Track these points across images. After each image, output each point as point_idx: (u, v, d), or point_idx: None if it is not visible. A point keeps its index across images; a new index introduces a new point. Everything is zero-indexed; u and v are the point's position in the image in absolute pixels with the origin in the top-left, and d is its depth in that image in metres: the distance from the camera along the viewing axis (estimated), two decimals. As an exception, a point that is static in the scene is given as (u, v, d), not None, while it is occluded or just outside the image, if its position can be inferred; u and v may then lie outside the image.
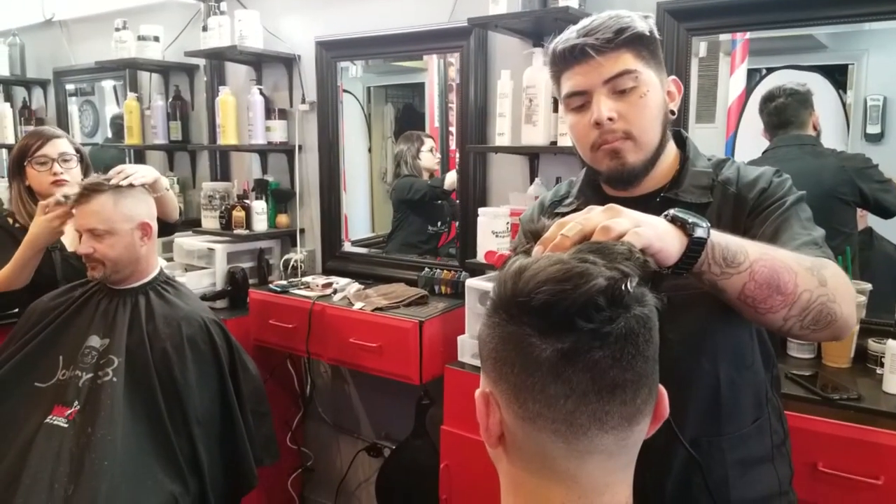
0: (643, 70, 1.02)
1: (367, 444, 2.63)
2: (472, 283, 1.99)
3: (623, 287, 0.60)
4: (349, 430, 2.75)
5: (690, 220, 0.79)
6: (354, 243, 2.80)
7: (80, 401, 1.56)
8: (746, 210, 1.04)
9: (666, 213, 0.81)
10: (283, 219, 2.80)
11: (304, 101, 2.72)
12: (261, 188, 2.76)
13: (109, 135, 3.76)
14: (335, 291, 2.38)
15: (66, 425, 1.52)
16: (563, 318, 0.58)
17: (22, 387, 1.62)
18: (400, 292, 2.26)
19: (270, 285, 2.51)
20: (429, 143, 2.77)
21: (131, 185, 1.71)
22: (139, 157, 3.35)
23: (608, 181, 1.09)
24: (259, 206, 2.68)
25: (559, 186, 1.24)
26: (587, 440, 0.60)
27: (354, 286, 2.39)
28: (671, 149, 1.11)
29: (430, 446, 2.19)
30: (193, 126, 3.10)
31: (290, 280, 2.57)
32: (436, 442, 2.11)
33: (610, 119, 1.01)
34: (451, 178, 2.56)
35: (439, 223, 2.81)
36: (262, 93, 2.71)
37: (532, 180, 2.16)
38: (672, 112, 1.08)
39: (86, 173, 2.09)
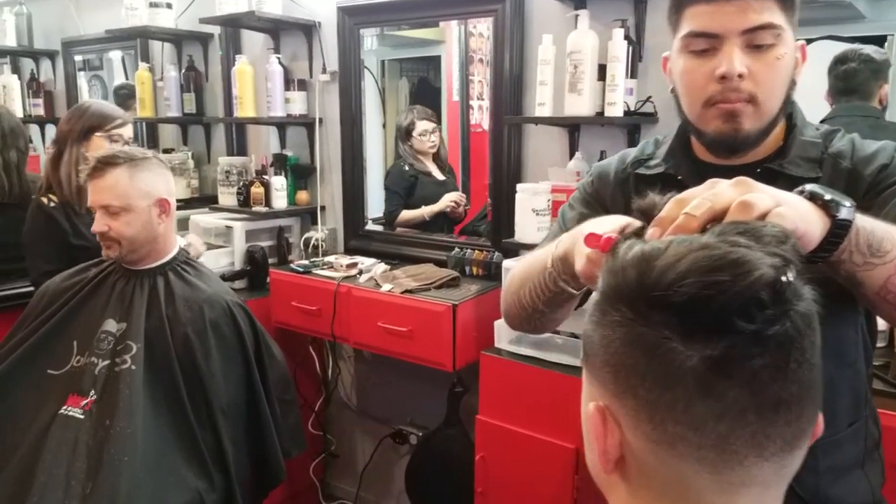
0: (786, 28, 0.88)
1: (393, 431, 2.53)
2: (508, 264, 1.87)
3: (786, 278, 0.48)
4: (373, 415, 2.65)
5: (829, 198, 0.66)
6: (373, 221, 2.67)
7: (96, 390, 1.45)
8: (862, 188, 0.91)
9: (801, 188, 0.68)
10: (302, 196, 2.68)
11: (324, 71, 2.58)
12: (280, 163, 2.63)
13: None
14: (360, 272, 2.26)
15: (81, 416, 1.42)
16: (718, 318, 0.46)
17: (34, 374, 1.51)
18: (430, 273, 2.14)
19: (292, 265, 2.39)
20: (422, 125, 2.59)
21: (145, 157, 1.59)
22: (151, 130, 3.23)
23: (711, 144, 0.95)
24: (278, 182, 2.56)
25: (645, 144, 1.09)
26: (742, 470, 0.48)
27: (381, 266, 2.27)
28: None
29: (464, 436, 2.08)
30: (208, 98, 2.96)
31: (312, 260, 2.45)
32: (469, 432, 2.00)
33: (740, 76, 0.86)
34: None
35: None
36: (280, 62, 2.57)
37: (572, 154, 2.03)
38: (794, 81, 0.94)
39: None
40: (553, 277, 0.83)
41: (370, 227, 2.62)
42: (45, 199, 1.95)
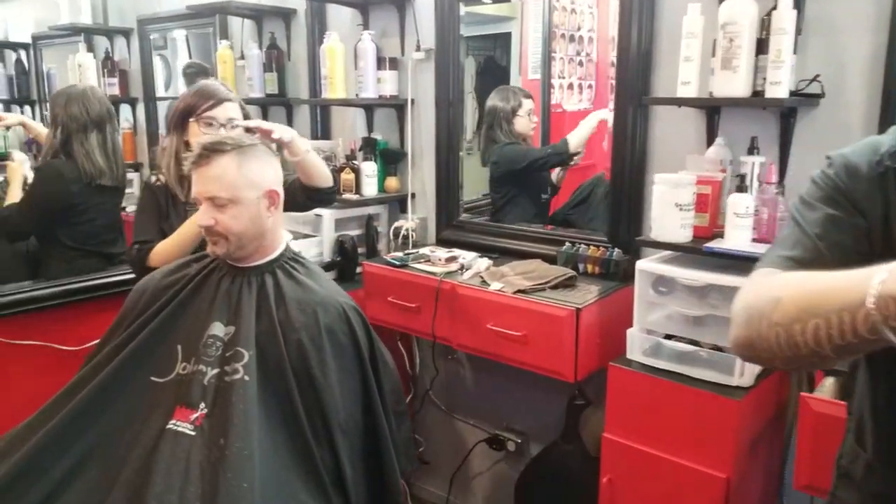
0: None
1: (489, 436, 2.36)
2: (645, 265, 1.66)
3: None
4: (465, 417, 2.48)
5: None
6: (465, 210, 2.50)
7: (206, 402, 1.31)
8: None
9: None
10: (392, 182, 2.52)
11: (418, 49, 2.39)
12: (370, 148, 2.47)
13: (184, 87, 3.53)
14: (462, 267, 2.08)
15: (192, 433, 1.28)
16: None
17: (136, 382, 1.38)
18: (542, 272, 1.95)
19: (387, 258, 2.22)
20: (527, 104, 2.42)
21: (253, 144, 1.44)
22: (230, 112, 3.09)
23: None
24: (369, 168, 2.40)
25: None
26: None
27: (483, 261, 2.08)
28: None
29: (582, 453, 1.89)
30: (289, 78, 2.81)
31: (406, 252, 2.28)
32: (590, 448, 1.82)
33: None
34: (577, 139, 2.21)
35: (549, 189, 2.48)
36: (371, 39, 2.39)
37: (710, 140, 1.80)
38: None
39: None
40: (872, 322, 0.62)
41: (464, 216, 2.44)
42: (153, 177, 1.85)
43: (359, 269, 2.36)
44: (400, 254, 2.25)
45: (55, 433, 1.30)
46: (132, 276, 2.20)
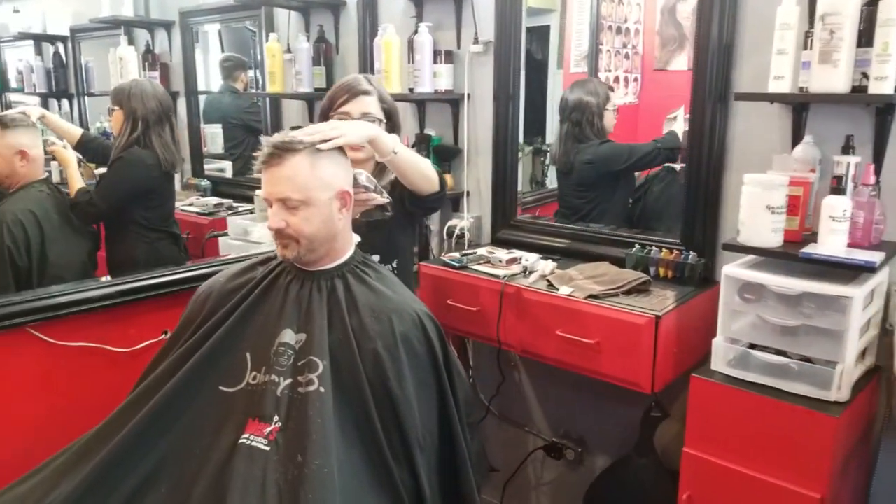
0: None
1: (546, 443, 2.28)
2: (733, 271, 1.56)
3: None
4: (519, 423, 2.41)
5: None
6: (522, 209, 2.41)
7: (280, 415, 1.25)
8: None
9: None
10: (446, 180, 2.43)
11: (476, 42, 2.30)
12: (423, 144, 2.39)
13: (221, 80, 3.50)
14: (525, 270, 1.99)
15: (267, 448, 1.21)
16: None
17: (205, 391, 1.32)
18: (613, 276, 1.86)
19: (444, 259, 2.14)
20: (613, 98, 2.31)
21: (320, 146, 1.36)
22: (276, 105, 3.04)
23: None
24: (424, 165, 2.32)
25: None
26: None
27: (548, 264, 1.99)
28: None
29: (657, 467, 1.81)
30: (338, 72, 2.73)
31: (463, 253, 2.20)
32: (667, 463, 1.73)
33: None
34: (682, 132, 2.08)
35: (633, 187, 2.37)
36: (429, 33, 2.31)
37: (796, 139, 1.69)
38: None
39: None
40: None
41: (522, 216, 2.35)
42: None
43: (418, 272, 2.28)
44: (456, 254, 2.17)
45: (124, 446, 1.24)
46: (181, 275, 2.17)
